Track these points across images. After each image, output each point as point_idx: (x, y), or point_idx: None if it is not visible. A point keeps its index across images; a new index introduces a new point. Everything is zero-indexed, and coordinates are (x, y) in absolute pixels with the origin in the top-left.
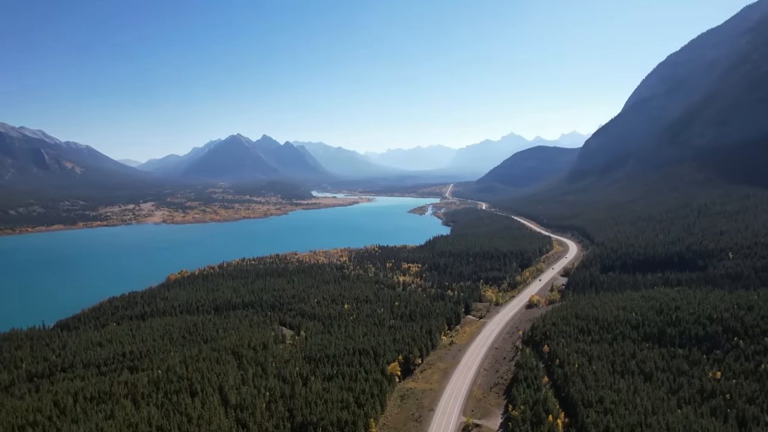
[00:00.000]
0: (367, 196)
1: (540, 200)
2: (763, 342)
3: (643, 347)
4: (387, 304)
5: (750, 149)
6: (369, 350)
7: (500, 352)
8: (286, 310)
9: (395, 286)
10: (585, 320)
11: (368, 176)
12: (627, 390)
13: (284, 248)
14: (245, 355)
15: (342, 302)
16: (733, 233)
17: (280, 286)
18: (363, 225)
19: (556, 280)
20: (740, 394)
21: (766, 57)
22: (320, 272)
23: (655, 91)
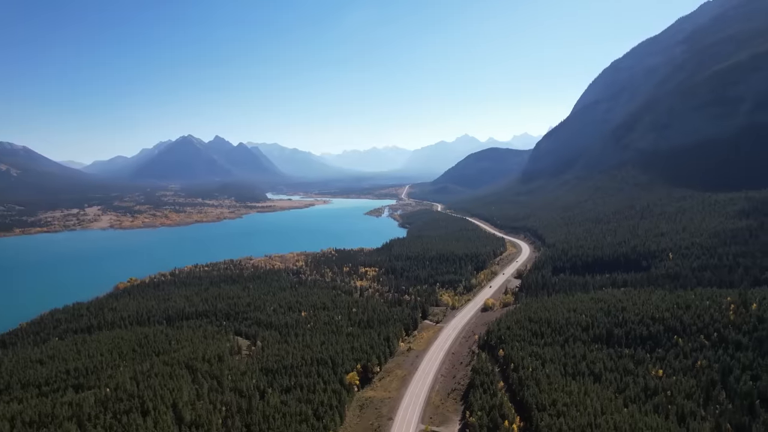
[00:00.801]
0: (323, 198)
1: (493, 201)
2: (699, 339)
3: (592, 348)
4: (345, 310)
5: (687, 153)
6: (327, 360)
7: (457, 357)
8: (241, 319)
9: (353, 291)
10: (538, 323)
11: (324, 178)
12: (578, 392)
13: (239, 253)
14: (200, 369)
15: (299, 309)
16: (673, 234)
17: (235, 294)
18: (319, 228)
19: (510, 282)
20: (679, 390)
21: (698, 67)
22: (276, 278)
23: (601, 96)
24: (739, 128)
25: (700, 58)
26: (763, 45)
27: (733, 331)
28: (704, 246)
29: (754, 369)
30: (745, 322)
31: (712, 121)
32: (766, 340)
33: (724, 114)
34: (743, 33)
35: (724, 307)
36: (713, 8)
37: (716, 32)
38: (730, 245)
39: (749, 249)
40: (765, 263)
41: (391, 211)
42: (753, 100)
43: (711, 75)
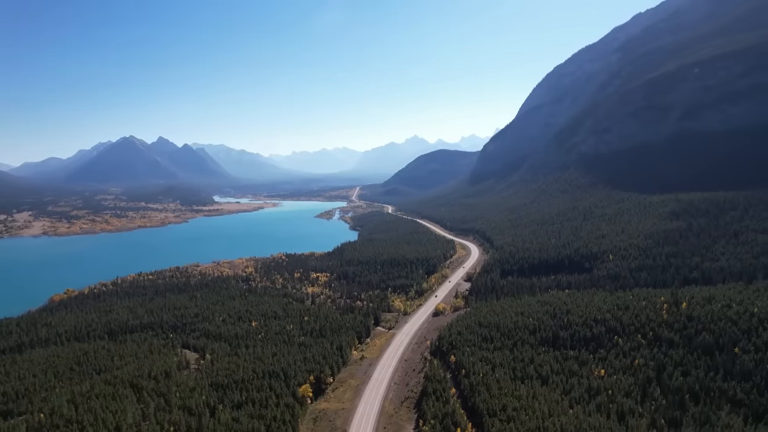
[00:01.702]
0: (272, 201)
1: (443, 203)
2: (636, 339)
3: (540, 351)
4: (296, 319)
5: (624, 157)
6: (279, 372)
7: (410, 363)
8: (189, 330)
9: (304, 299)
10: (488, 327)
11: (273, 180)
12: (527, 395)
13: (185, 260)
14: (145, 387)
15: (249, 319)
16: (613, 236)
17: (182, 304)
18: (269, 232)
19: (460, 285)
20: (619, 389)
21: (632, 75)
22: (225, 286)
23: (544, 100)
24: (670, 134)
25: (634, 67)
26: (690, 57)
27: (666, 330)
28: (640, 247)
29: (685, 365)
30: (676, 321)
31: (646, 126)
32: (694, 338)
33: (657, 120)
34: (672, 44)
35: (658, 306)
36: (644, 20)
37: (647, 43)
38: (663, 246)
39: (679, 249)
40: (693, 263)
41: (342, 213)
42: (681, 108)
43: (644, 83)
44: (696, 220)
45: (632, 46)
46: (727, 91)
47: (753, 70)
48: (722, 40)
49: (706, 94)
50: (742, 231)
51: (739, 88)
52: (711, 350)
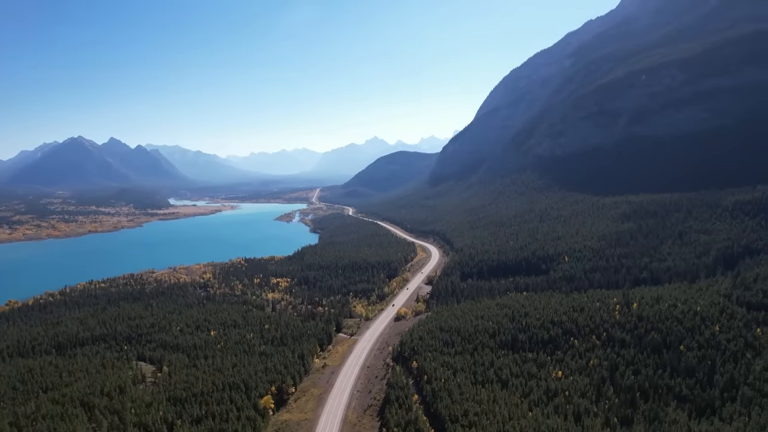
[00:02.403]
0: (230, 203)
1: (403, 204)
2: (591, 340)
3: (500, 355)
4: (257, 327)
5: (578, 160)
6: (240, 383)
7: (372, 370)
8: (144, 342)
9: (264, 305)
10: (449, 332)
11: (231, 181)
12: (488, 400)
13: (140, 266)
14: (98, 405)
15: (208, 328)
16: (568, 238)
17: (137, 313)
18: (227, 235)
19: (422, 289)
20: (575, 390)
21: (585, 80)
22: (182, 293)
23: (502, 103)
24: (620, 138)
25: (586, 72)
26: (636, 64)
27: (618, 330)
28: (594, 248)
29: (636, 364)
30: (628, 321)
31: (598, 130)
32: (644, 337)
33: (608, 124)
34: (621, 51)
35: (611, 307)
36: (595, 27)
37: (598, 49)
38: (615, 247)
39: (630, 250)
40: (642, 263)
41: (302, 215)
42: (629, 113)
43: (596, 88)
44: (645, 221)
45: (584, 52)
46: (671, 98)
47: (695, 79)
48: (667, 48)
49: (653, 101)
50: (686, 232)
51: (682, 95)
52: (659, 349)
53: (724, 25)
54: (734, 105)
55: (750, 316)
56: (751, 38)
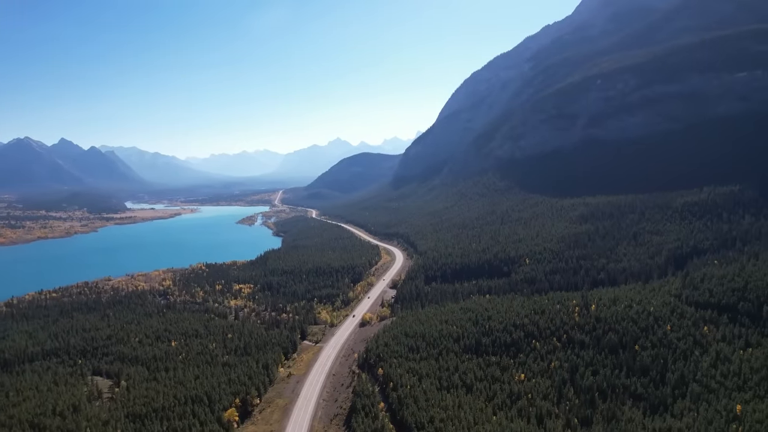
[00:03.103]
0: (190, 206)
1: (367, 207)
2: (552, 342)
3: (464, 359)
4: (219, 337)
5: (538, 162)
6: (203, 396)
7: (338, 378)
8: (101, 355)
9: (227, 313)
10: (413, 338)
11: (191, 184)
12: (453, 405)
13: (95, 273)
14: (49, 426)
15: (168, 339)
16: (528, 240)
17: (93, 325)
18: (187, 240)
19: (386, 293)
20: (538, 392)
21: (543, 83)
22: (141, 302)
23: (463, 105)
24: (578, 141)
25: (545, 76)
26: (592, 69)
27: (578, 332)
28: (553, 250)
29: (594, 365)
30: (587, 323)
31: (556, 133)
32: (602, 338)
33: (566, 127)
34: (577, 56)
35: (571, 309)
36: (553, 31)
37: (556, 54)
38: (573, 249)
39: (588, 252)
40: (600, 264)
41: (265, 218)
42: (586, 116)
43: (554, 92)
44: (601, 223)
45: (542, 56)
46: (624, 103)
47: (645, 85)
48: (620, 54)
49: (608, 105)
50: (640, 233)
51: (635, 100)
52: (616, 349)
53: (670, 34)
54: (681, 110)
55: (698, 315)
56: (694, 48)
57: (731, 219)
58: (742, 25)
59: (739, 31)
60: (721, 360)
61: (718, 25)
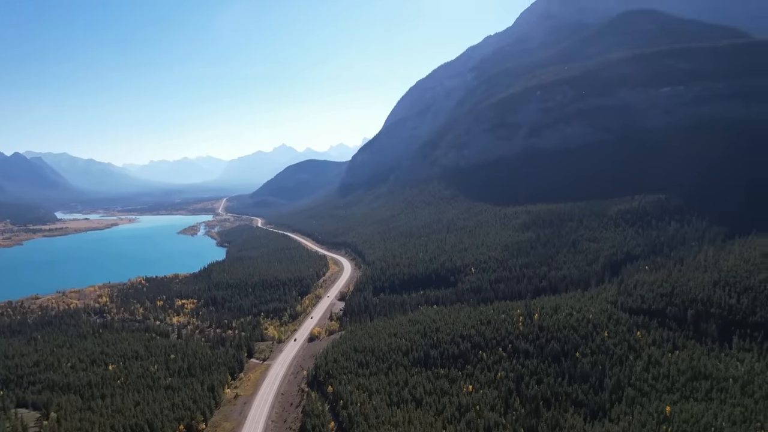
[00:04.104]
0: (128, 216)
1: (314, 215)
2: (498, 352)
3: (413, 372)
4: (161, 357)
5: (482, 170)
6: (143, 425)
7: (287, 397)
8: (27, 384)
9: (169, 332)
10: (363, 352)
11: (128, 192)
12: (403, 421)
13: (20, 292)
14: None
15: (105, 362)
16: (474, 249)
17: (17, 350)
18: (125, 252)
19: (335, 305)
20: (485, 403)
21: (486, 93)
22: (74, 322)
23: (409, 113)
24: (520, 150)
25: (487, 86)
26: (532, 81)
27: (522, 341)
28: (498, 259)
29: (539, 374)
30: (530, 332)
31: (499, 142)
32: (545, 347)
33: (508, 137)
34: (518, 67)
35: (515, 319)
36: (494, 42)
37: (497, 64)
38: (517, 257)
39: (531, 260)
40: (542, 272)
41: (208, 228)
42: (527, 126)
43: (496, 102)
44: (543, 230)
45: (485, 66)
46: (562, 113)
47: (580, 97)
48: (557, 67)
49: (547, 115)
50: (578, 240)
51: (571, 111)
52: (558, 357)
53: (603, 49)
54: (613, 122)
55: (632, 321)
56: (624, 63)
57: (659, 226)
58: (665, 44)
59: (663, 49)
60: (653, 363)
61: (645, 43)
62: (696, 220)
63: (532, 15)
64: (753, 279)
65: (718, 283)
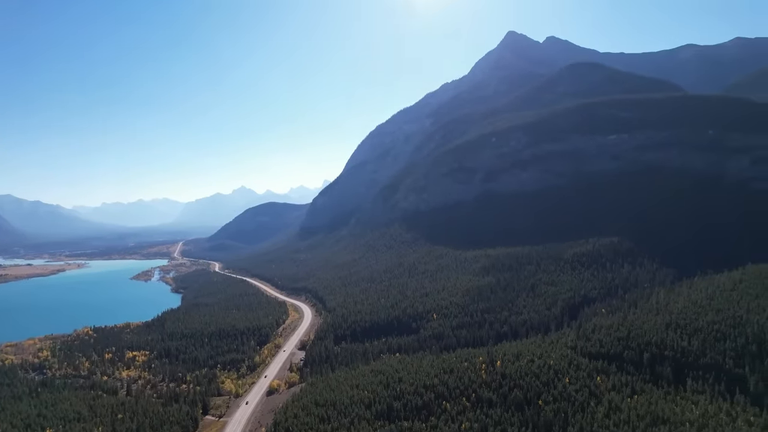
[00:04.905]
0: (76, 261)
1: (273, 259)
2: (461, 402)
3: (376, 426)
4: (107, 419)
5: (441, 214)
6: None
7: None
8: None
9: (118, 388)
10: (324, 406)
11: (78, 236)
12: None
13: None
14: None
15: (42, 426)
16: (435, 294)
17: None
18: (72, 300)
19: (295, 355)
20: None
21: (444, 138)
22: (8, 381)
23: (369, 157)
24: (478, 194)
25: (445, 132)
26: (487, 127)
27: (485, 390)
28: (459, 304)
29: (503, 423)
30: (493, 380)
31: (457, 186)
32: (509, 395)
33: (466, 181)
34: (474, 114)
35: (478, 367)
36: (451, 89)
37: (454, 110)
38: (478, 302)
39: (491, 305)
40: (503, 317)
41: (163, 273)
42: (484, 171)
43: (454, 147)
44: (502, 274)
45: (442, 112)
46: (517, 159)
47: (534, 143)
48: (512, 114)
49: (503, 160)
50: (537, 284)
51: (526, 156)
52: (522, 405)
53: (554, 98)
54: (566, 167)
55: (591, 366)
56: (574, 111)
57: (613, 268)
58: (611, 94)
59: (609, 99)
60: (613, 409)
61: (592, 92)
62: (647, 261)
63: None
64: (701, 321)
65: (670, 326)
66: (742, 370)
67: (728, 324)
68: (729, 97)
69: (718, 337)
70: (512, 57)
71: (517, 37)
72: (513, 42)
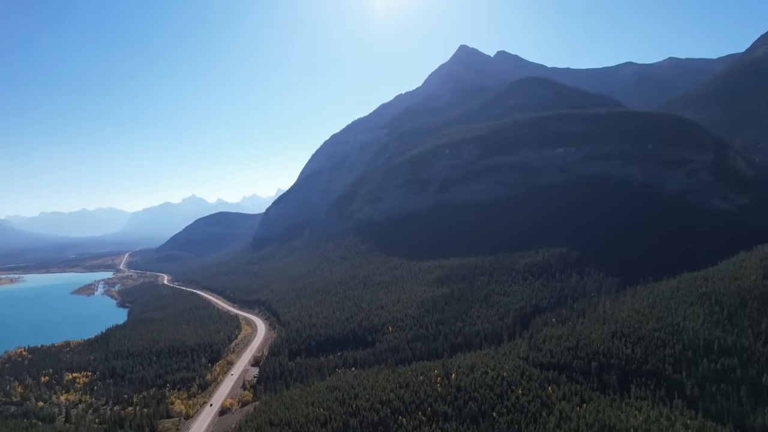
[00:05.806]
0: (9, 275)
1: (225, 271)
2: (417, 417)
3: None
4: None
5: (396, 225)
6: None
7: None
8: None
9: (55, 415)
10: (279, 426)
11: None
12: None
13: None
14: None
15: None
16: (390, 306)
17: None
18: (4, 318)
19: (248, 372)
20: None
21: (398, 149)
22: None
23: (323, 166)
24: (432, 205)
25: (399, 143)
26: (440, 139)
27: (441, 404)
28: (414, 316)
29: None
30: (448, 393)
31: (411, 197)
32: (464, 408)
33: (420, 192)
34: (428, 125)
35: (433, 380)
36: (405, 100)
37: (408, 122)
38: (432, 314)
39: (446, 316)
40: (457, 328)
41: (108, 286)
42: (438, 182)
43: (408, 158)
44: (456, 285)
45: (396, 124)
46: (470, 170)
47: (486, 155)
48: (464, 126)
49: (456, 172)
50: (490, 294)
51: (478, 168)
52: (477, 418)
53: (504, 111)
54: (516, 179)
55: (543, 376)
56: (523, 125)
57: (562, 278)
58: (558, 108)
59: (556, 113)
60: (563, 419)
61: (541, 106)
62: (594, 271)
63: (439, 77)
64: (643, 329)
65: (615, 334)
66: (680, 376)
67: (667, 331)
68: (665, 114)
69: (658, 344)
70: (464, 70)
71: (469, 50)
72: (465, 55)
